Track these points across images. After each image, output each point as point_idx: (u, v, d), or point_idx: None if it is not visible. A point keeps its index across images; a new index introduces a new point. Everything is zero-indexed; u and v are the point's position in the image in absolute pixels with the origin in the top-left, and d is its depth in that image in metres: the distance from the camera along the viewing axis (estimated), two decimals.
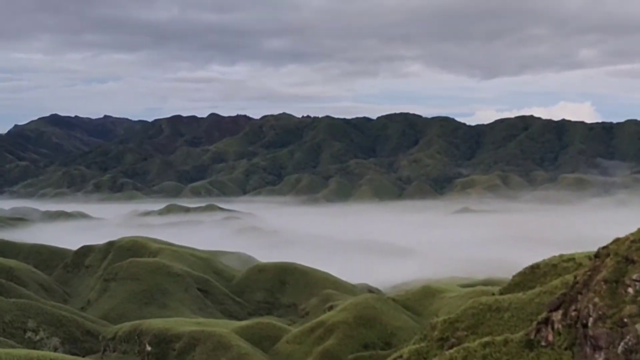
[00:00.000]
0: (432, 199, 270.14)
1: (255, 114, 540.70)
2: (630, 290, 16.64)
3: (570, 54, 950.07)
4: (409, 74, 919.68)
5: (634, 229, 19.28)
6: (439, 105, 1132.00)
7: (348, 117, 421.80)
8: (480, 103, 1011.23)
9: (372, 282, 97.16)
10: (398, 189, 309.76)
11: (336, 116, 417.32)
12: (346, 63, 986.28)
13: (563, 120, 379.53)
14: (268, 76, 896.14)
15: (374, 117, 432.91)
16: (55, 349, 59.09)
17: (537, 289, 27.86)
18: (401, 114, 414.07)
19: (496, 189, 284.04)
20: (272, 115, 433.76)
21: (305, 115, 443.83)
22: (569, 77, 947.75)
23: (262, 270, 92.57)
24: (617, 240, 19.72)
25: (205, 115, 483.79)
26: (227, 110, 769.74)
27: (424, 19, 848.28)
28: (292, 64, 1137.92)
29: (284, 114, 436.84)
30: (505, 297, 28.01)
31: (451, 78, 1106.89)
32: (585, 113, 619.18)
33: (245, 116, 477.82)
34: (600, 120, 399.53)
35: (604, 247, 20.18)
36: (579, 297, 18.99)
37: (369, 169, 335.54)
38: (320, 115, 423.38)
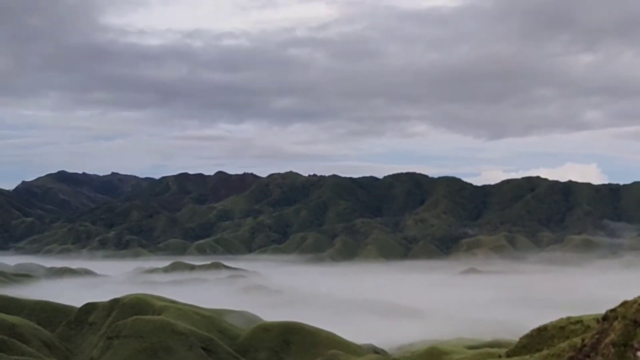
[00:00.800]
0: (438, 259, 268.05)
1: (262, 172, 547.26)
2: (638, 354, 16.33)
3: (576, 115, 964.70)
4: (415, 133, 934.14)
5: None
6: (445, 165, 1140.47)
7: (354, 176, 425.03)
8: (486, 163, 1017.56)
9: (378, 343, 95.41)
10: (404, 248, 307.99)
11: (342, 175, 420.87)
12: (353, 122, 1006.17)
13: (569, 181, 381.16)
14: (275, 134, 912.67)
15: (380, 176, 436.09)
16: None
17: (545, 352, 27.72)
18: (407, 173, 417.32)
19: (502, 250, 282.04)
20: (278, 174, 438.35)
21: (311, 173, 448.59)
22: (575, 138, 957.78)
23: (266, 329, 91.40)
24: (625, 303, 19.48)
25: (212, 173, 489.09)
26: (234, 168, 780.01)
27: (430, 80, 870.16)
28: (299, 122, 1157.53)
29: (290, 172, 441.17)
30: (512, 359, 27.90)
31: (457, 138, 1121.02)
32: (591, 174, 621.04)
33: (251, 174, 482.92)
34: (606, 182, 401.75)
35: (612, 310, 19.88)
36: None
37: (374, 228, 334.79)
38: (326, 174, 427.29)
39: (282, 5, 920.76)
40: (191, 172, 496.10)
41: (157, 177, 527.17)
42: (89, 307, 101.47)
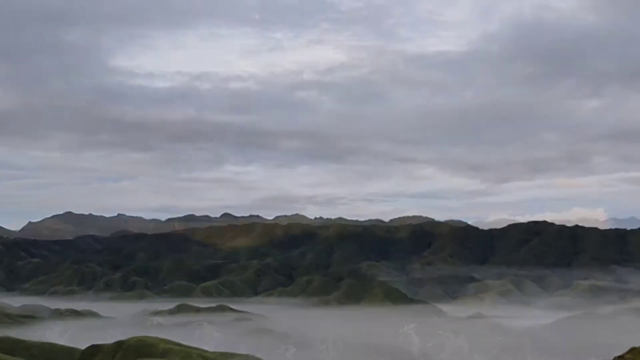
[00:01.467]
0: (444, 303, 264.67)
1: (268, 214, 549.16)
2: None
3: (583, 159, 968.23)
4: (421, 176, 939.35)
5: None
6: (452, 208, 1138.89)
7: (360, 219, 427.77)
8: (493, 207, 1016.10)
9: None
10: (410, 292, 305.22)
11: (349, 218, 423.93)
12: (359, 165, 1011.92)
13: (576, 226, 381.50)
14: (281, 177, 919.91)
15: (386, 219, 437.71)
16: None
17: None
18: (414, 216, 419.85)
19: (509, 294, 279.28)
20: (284, 216, 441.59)
21: (317, 216, 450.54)
22: (582, 182, 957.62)
23: None
24: (633, 350, 19.74)
25: (218, 215, 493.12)
26: (240, 210, 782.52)
27: (436, 123, 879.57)
28: (306, 165, 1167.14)
29: (296, 215, 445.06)
30: None
31: (463, 182, 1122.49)
32: (598, 219, 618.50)
33: (258, 216, 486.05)
34: (613, 227, 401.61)
35: (619, 357, 20.05)
36: None
37: (380, 271, 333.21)
38: (332, 217, 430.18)
39: (289, 49, 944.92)
40: (197, 214, 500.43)
41: (163, 218, 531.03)
42: (93, 350, 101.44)
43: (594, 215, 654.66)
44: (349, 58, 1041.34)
